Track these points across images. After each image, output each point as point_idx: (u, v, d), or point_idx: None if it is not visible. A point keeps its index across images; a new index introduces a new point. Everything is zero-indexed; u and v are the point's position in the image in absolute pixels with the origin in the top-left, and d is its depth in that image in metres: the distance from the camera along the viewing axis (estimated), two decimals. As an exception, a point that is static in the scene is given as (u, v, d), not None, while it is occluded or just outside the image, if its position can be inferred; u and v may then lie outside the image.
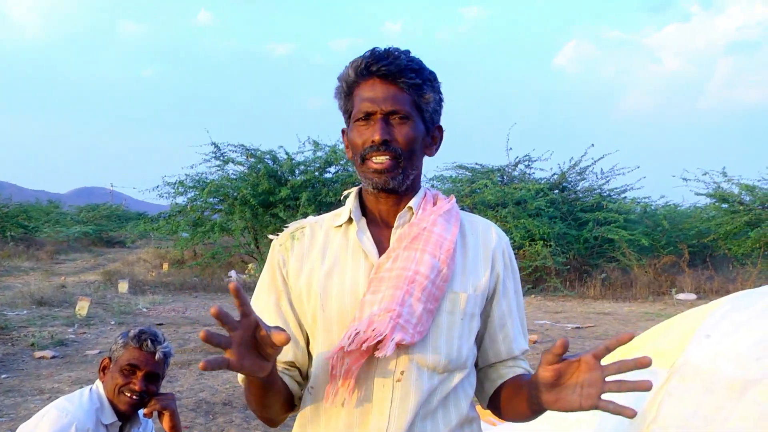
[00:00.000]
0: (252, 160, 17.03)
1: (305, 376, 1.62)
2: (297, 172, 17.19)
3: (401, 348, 1.46)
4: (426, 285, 1.48)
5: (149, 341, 2.64)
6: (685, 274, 16.17)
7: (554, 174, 18.05)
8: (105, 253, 28.33)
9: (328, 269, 1.57)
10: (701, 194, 17.85)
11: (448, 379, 1.53)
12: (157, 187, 17.47)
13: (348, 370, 1.45)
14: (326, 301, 1.54)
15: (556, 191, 17.81)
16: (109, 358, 2.69)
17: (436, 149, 1.66)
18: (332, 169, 17.74)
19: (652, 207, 19.70)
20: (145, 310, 11.99)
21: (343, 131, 1.66)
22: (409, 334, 1.45)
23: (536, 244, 15.66)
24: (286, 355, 1.60)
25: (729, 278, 16.27)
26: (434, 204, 1.63)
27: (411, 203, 1.59)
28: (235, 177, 17.31)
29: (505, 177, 18.00)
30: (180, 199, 17.70)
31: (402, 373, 1.47)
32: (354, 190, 1.67)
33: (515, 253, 13.67)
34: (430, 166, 19.37)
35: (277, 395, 1.51)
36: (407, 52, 1.56)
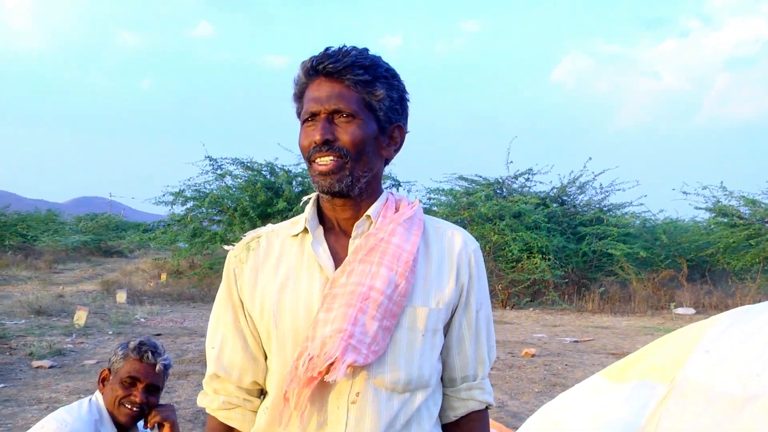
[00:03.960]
0: (250, 172, 17.08)
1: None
2: (294, 183, 17.22)
3: (356, 368, 1.39)
4: (382, 301, 1.40)
5: (150, 353, 2.64)
6: (684, 289, 16.19)
7: (554, 188, 18.08)
8: (103, 262, 28.28)
9: (281, 283, 1.49)
10: (701, 208, 17.90)
11: (410, 400, 1.45)
12: (163, 195, 17.50)
13: (300, 394, 1.39)
14: (279, 318, 1.46)
15: (556, 205, 17.83)
16: (109, 370, 2.69)
17: (396, 150, 1.55)
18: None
19: (651, 221, 19.72)
20: (143, 320, 11.96)
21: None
22: (362, 355, 1.37)
23: (534, 257, 15.66)
24: (245, 378, 1.54)
25: (728, 293, 16.27)
26: (396, 210, 1.53)
27: (370, 211, 1.50)
28: (233, 188, 17.37)
29: (504, 190, 18.02)
30: (178, 209, 17.73)
31: (357, 394, 1.41)
32: (313, 196, 1.58)
33: (513, 266, 13.47)
34: (427, 177, 19.28)
35: None
36: (363, 50, 1.48)
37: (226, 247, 1.65)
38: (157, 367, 2.64)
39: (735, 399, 2.32)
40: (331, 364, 1.36)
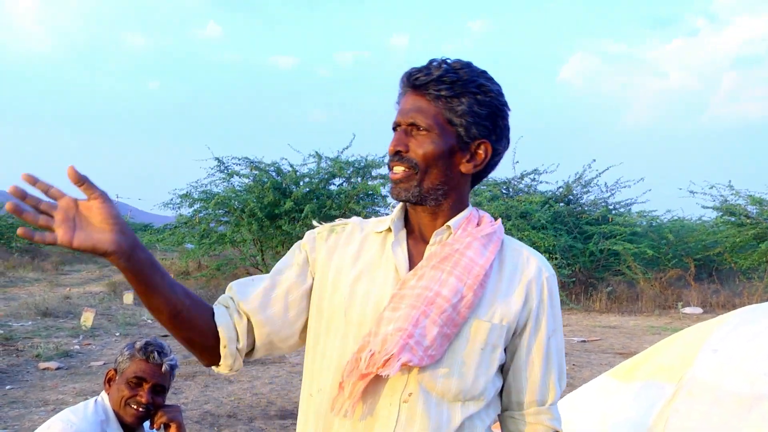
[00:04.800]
0: (256, 172, 17.06)
1: (252, 343, 1.56)
2: (301, 184, 17.21)
3: (411, 369, 1.43)
4: (446, 308, 1.43)
5: (156, 353, 2.64)
6: (692, 288, 16.13)
7: (559, 187, 18.04)
8: (110, 264, 28.29)
9: (357, 274, 1.54)
10: (708, 207, 17.84)
11: (461, 409, 1.48)
12: (171, 199, 17.56)
13: (355, 385, 1.43)
14: (349, 308, 1.51)
15: (562, 204, 17.79)
16: (115, 370, 2.69)
17: (477, 166, 1.55)
18: (337, 181, 17.75)
19: (658, 220, 19.67)
20: (149, 321, 11.98)
21: None
22: (417, 356, 1.41)
23: (541, 257, 15.60)
24: (246, 301, 1.54)
25: (735, 292, 16.22)
26: (478, 225, 1.56)
27: (451, 222, 1.54)
28: (240, 189, 17.36)
29: (510, 190, 17.99)
30: (185, 211, 17.74)
31: (410, 394, 1.44)
32: None
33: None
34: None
35: (164, 298, 1.44)
36: (463, 65, 1.50)
37: (315, 222, 1.72)
38: (164, 368, 2.64)
39: (743, 398, 2.31)
40: (387, 359, 1.40)
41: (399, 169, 1.51)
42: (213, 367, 1.56)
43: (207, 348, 1.53)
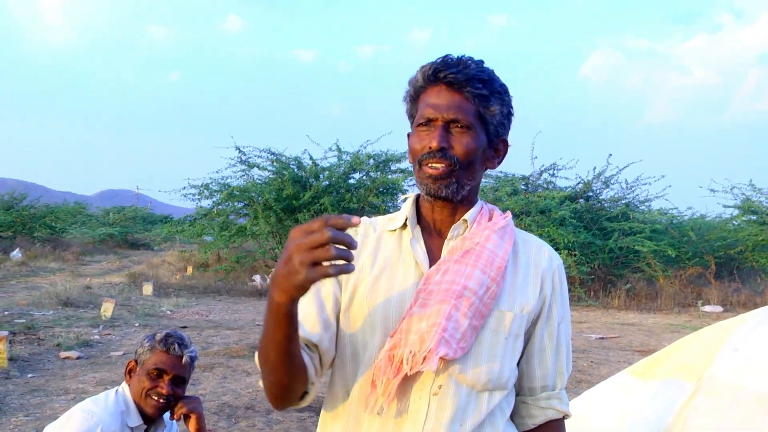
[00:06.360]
0: (277, 165, 17.10)
1: (319, 372, 1.53)
2: (321, 177, 17.25)
3: (442, 362, 1.45)
4: (473, 301, 1.46)
5: (176, 345, 2.66)
6: (712, 286, 16.01)
7: (579, 183, 17.93)
8: (130, 255, 28.58)
9: (377, 273, 1.55)
10: (729, 206, 17.67)
11: (488, 399, 1.51)
12: (183, 188, 17.57)
13: (389, 383, 1.44)
14: (373, 306, 1.52)
15: (581, 200, 17.69)
16: (135, 361, 2.71)
17: (499, 162, 1.63)
18: (356, 176, 17.77)
19: (678, 218, 19.52)
20: (169, 312, 12.08)
21: (408, 135, 1.62)
22: (452, 349, 1.43)
23: (561, 254, 15.54)
24: (312, 333, 1.52)
25: (757, 291, 16.08)
26: (490, 219, 1.60)
27: (466, 216, 1.57)
28: (260, 182, 17.40)
29: (529, 186, 17.92)
30: (205, 203, 17.80)
31: (440, 387, 1.46)
32: (412, 196, 1.66)
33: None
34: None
35: (295, 347, 1.38)
36: (480, 62, 1.54)
37: None
38: (184, 359, 2.66)
39: (764, 398, 2.29)
40: (425, 355, 1.43)
41: (440, 166, 1.51)
42: (289, 407, 1.52)
43: (293, 391, 1.48)
